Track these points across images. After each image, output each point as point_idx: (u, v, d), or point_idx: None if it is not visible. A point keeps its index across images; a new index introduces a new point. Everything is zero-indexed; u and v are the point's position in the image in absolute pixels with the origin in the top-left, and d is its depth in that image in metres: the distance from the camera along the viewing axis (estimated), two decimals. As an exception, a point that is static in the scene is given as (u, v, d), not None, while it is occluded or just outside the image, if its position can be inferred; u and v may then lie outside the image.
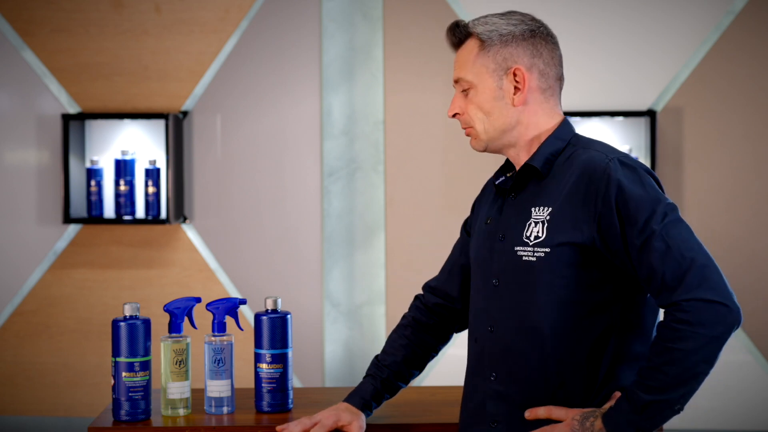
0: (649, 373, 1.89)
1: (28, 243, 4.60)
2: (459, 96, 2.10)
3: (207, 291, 4.52)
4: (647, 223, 1.91)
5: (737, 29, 4.35)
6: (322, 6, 4.50)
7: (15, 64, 4.56)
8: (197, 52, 4.52)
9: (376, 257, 4.56)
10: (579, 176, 1.99)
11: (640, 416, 1.89)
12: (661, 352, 1.88)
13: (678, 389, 1.87)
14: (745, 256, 4.37)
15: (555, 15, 4.36)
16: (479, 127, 2.08)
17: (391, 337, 2.32)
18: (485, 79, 2.07)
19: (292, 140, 4.53)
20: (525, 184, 2.08)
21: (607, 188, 1.95)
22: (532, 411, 2.00)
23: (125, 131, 4.58)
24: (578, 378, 2.00)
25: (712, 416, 4.36)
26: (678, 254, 1.89)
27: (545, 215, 2.00)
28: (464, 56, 2.09)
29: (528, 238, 2.01)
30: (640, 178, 1.97)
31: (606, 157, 1.99)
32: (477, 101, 2.07)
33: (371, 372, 2.28)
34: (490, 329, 2.06)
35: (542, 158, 2.05)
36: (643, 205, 1.93)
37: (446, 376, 4.42)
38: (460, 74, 2.09)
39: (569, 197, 1.98)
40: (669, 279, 1.89)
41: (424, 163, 4.47)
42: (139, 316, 2.32)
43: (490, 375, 2.06)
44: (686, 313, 1.86)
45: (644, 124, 4.39)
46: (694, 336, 1.86)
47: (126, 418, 2.30)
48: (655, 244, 1.90)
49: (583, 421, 1.94)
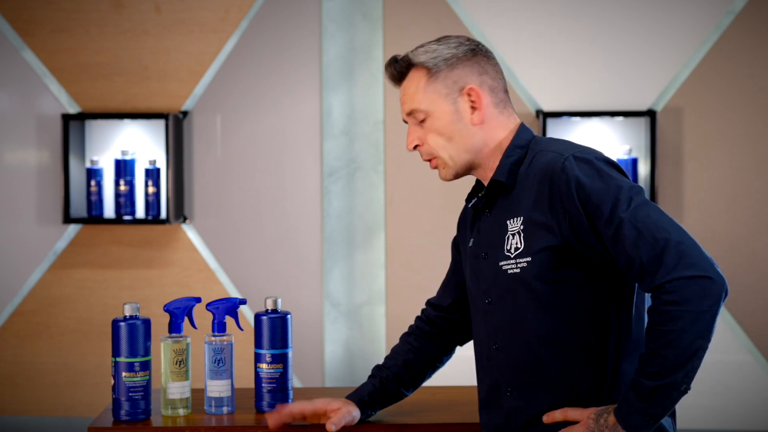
0: (648, 359, 1.90)
1: (28, 243, 4.60)
2: (415, 128, 2.10)
3: (207, 291, 4.52)
4: (613, 213, 1.92)
5: (737, 29, 4.35)
6: (322, 6, 4.50)
7: (15, 64, 4.56)
8: (197, 52, 4.52)
9: (376, 257, 4.56)
10: (540, 180, 2.00)
11: (648, 403, 1.90)
12: (655, 336, 1.88)
13: (680, 370, 1.87)
14: (745, 256, 4.37)
15: (555, 15, 4.36)
16: (444, 154, 2.10)
17: (395, 347, 2.35)
18: (440, 105, 2.08)
19: (292, 140, 4.53)
20: (495, 199, 2.09)
21: (568, 187, 1.95)
22: (549, 415, 2.02)
23: (125, 131, 4.58)
24: (586, 378, 2.01)
25: (712, 416, 4.36)
26: (650, 237, 1.89)
27: (519, 225, 2.02)
28: (412, 88, 2.09)
29: (509, 251, 2.03)
30: (596, 170, 1.96)
31: (561, 156, 1.99)
32: (436, 128, 2.08)
33: (372, 374, 2.31)
34: (495, 347, 2.07)
35: (505, 170, 2.06)
36: (605, 196, 1.93)
37: (446, 376, 4.41)
38: (413, 106, 2.09)
39: (536, 203, 2.00)
40: (647, 263, 1.89)
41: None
42: (139, 316, 2.32)
43: (506, 391, 2.07)
44: (671, 293, 1.86)
45: (644, 124, 4.39)
46: (683, 315, 1.85)
47: (126, 418, 2.30)
48: (626, 232, 1.90)
49: (597, 418, 1.96)
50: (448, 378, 4.36)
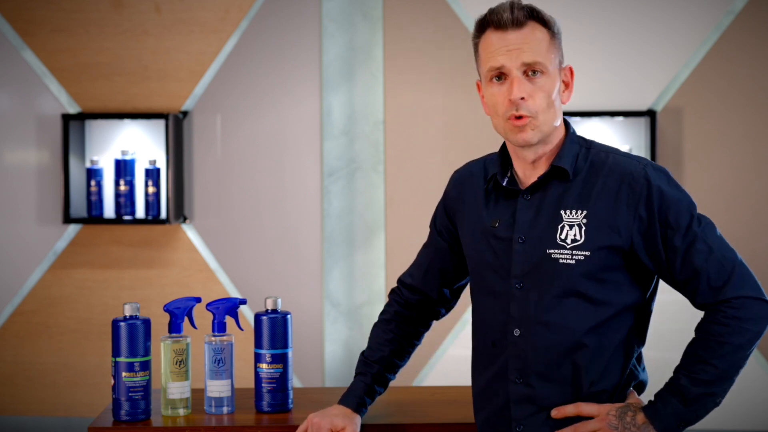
0: (699, 366, 1.96)
1: (28, 243, 4.60)
2: (523, 81, 2.02)
3: (207, 291, 4.52)
4: (689, 227, 2.00)
5: (737, 29, 4.35)
6: (322, 6, 4.50)
7: (15, 64, 4.56)
8: (197, 52, 4.52)
9: (376, 257, 4.57)
10: (616, 181, 2.02)
11: (687, 408, 1.97)
12: (710, 346, 1.96)
13: (725, 382, 1.98)
14: (745, 256, 4.32)
15: (555, 15, 4.35)
16: (542, 117, 2.03)
17: (375, 333, 2.31)
18: (554, 70, 2.06)
19: (292, 140, 4.53)
20: (545, 186, 2.07)
21: (648, 194, 2.00)
22: (560, 410, 2.02)
23: (125, 131, 4.58)
24: (609, 375, 2.03)
25: (712, 416, 4.35)
26: (720, 255, 1.99)
27: (580, 218, 2.02)
28: (537, 40, 2.04)
29: (564, 241, 2.02)
30: (674, 181, 2.04)
31: (639, 163, 2.03)
32: (547, 89, 2.03)
33: (361, 370, 2.28)
34: (516, 333, 2.05)
35: (569, 160, 2.06)
36: (683, 210, 2.01)
37: (446, 376, 4.42)
38: (537, 58, 2.02)
39: (606, 201, 2.01)
40: (714, 279, 1.98)
41: (424, 163, 4.47)
42: (139, 316, 2.32)
43: (515, 378, 2.06)
44: (737, 309, 1.96)
45: (644, 124, 4.39)
46: (744, 331, 1.96)
47: (126, 418, 2.30)
48: (699, 246, 1.99)
49: (621, 415, 1.98)
50: (447, 378, 4.37)
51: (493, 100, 2.04)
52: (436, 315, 2.34)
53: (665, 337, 3.94)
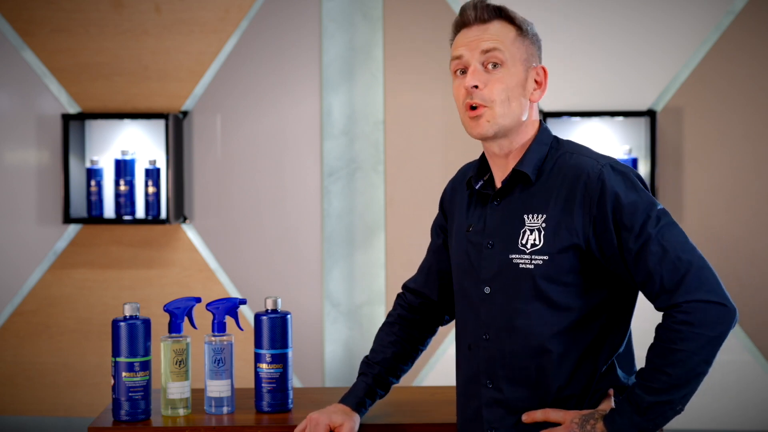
0: (650, 374, 1.91)
1: (28, 243, 4.60)
2: (479, 71, 2.02)
3: (207, 291, 4.52)
4: (643, 228, 1.94)
5: (737, 29, 4.35)
6: (322, 6, 4.50)
7: (15, 64, 4.56)
8: (197, 52, 4.53)
9: (376, 257, 4.57)
10: (571, 183, 1.99)
11: (642, 417, 1.91)
12: (662, 353, 1.91)
13: (680, 390, 1.90)
14: (745, 256, 4.37)
15: (555, 15, 4.36)
16: (499, 109, 2.02)
17: (379, 336, 2.32)
18: (516, 64, 2.04)
19: (292, 140, 4.53)
20: (511, 190, 2.07)
21: (602, 195, 1.96)
22: (529, 415, 2.02)
23: (125, 131, 4.59)
24: (577, 380, 2.01)
25: (712, 416, 4.36)
26: (675, 257, 1.92)
27: (540, 222, 2.01)
28: (499, 33, 2.04)
29: (524, 246, 2.01)
30: (632, 183, 1.98)
31: (597, 163, 1.99)
32: (505, 81, 2.02)
33: (362, 371, 2.29)
34: (485, 337, 2.06)
35: (531, 164, 2.04)
36: (639, 210, 1.95)
37: (446, 376, 4.42)
38: (496, 45, 2.02)
39: (563, 204, 1.99)
40: (667, 282, 1.92)
41: (424, 163, 4.47)
42: (139, 316, 2.32)
43: (486, 382, 2.06)
44: (687, 314, 1.90)
45: (644, 124, 4.39)
46: (696, 337, 1.89)
47: (126, 418, 2.30)
48: (652, 248, 1.93)
49: (583, 423, 1.95)
50: (447, 378, 4.37)
51: (456, 93, 2.06)
52: (440, 319, 2.34)
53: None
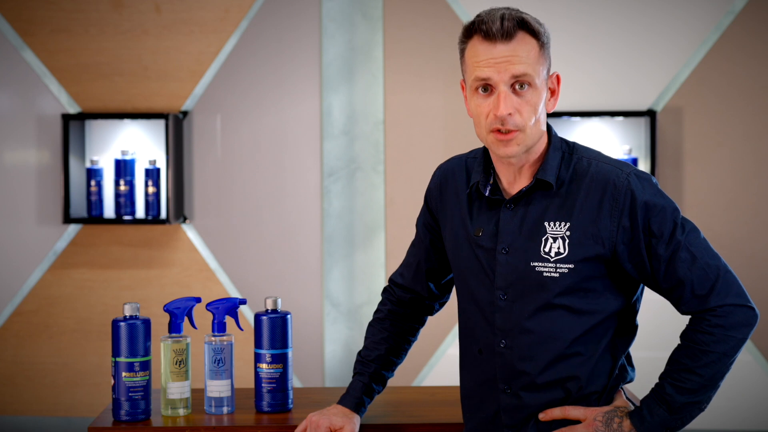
0: (684, 375, 1.97)
1: (28, 243, 4.60)
2: (509, 94, 1.96)
3: (207, 291, 4.52)
4: (672, 236, 1.98)
5: (737, 29, 4.35)
6: (322, 6, 4.50)
7: (15, 64, 4.56)
8: (197, 52, 4.52)
9: (376, 257, 4.56)
10: (597, 192, 1.99)
11: (672, 417, 1.97)
12: (694, 355, 1.97)
13: (710, 390, 1.98)
14: (745, 256, 4.37)
15: (555, 15, 4.36)
16: (529, 131, 1.98)
17: (370, 332, 2.31)
18: (541, 82, 1.99)
19: (292, 140, 4.53)
20: (528, 196, 2.04)
21: (632, 204, 1.98)
22: (547, 413, 2.03)
23: (125, 131, 4.59)
24: (594, 382, 2.03)
25: (712, 416, 4.36)
26: (704, 263, 1.97)
27: (564, 231, 2.01)
28: (525, 52, 1.96)
29: (547, 254, 2.01)
30: (657, 189, 2.01)
31: (622, 172, 2.00)
32: (534, 102, 1.97)
33: (358, 370, 2.28)
34: (502, 344, 2.05)
35: (552, 172, 2.02)
36: (667, 219, 1.98)
37: (446, 376, 4.42)
38: (527, 71, 1.96)
39: (589, 212, 1.99)
40: (698, 287, 1.97)
41: (424, 163, 4.47)
42: (139, 316, 2.32)
43: (505, 388, 2.06)
44: (721, 318, 1.96)
45: (644, 124, 4.39)
46: (728, 339, 1.96)
47: (126, 418, 2.30)
48: (682, 254, 1.97)
49: (607, 421, 1.99)
50: (447, 378, 4.37)
51: (478, 111, 1.99)
52: (430, 310, 2.34)
53: (655, 337, 3.94)
